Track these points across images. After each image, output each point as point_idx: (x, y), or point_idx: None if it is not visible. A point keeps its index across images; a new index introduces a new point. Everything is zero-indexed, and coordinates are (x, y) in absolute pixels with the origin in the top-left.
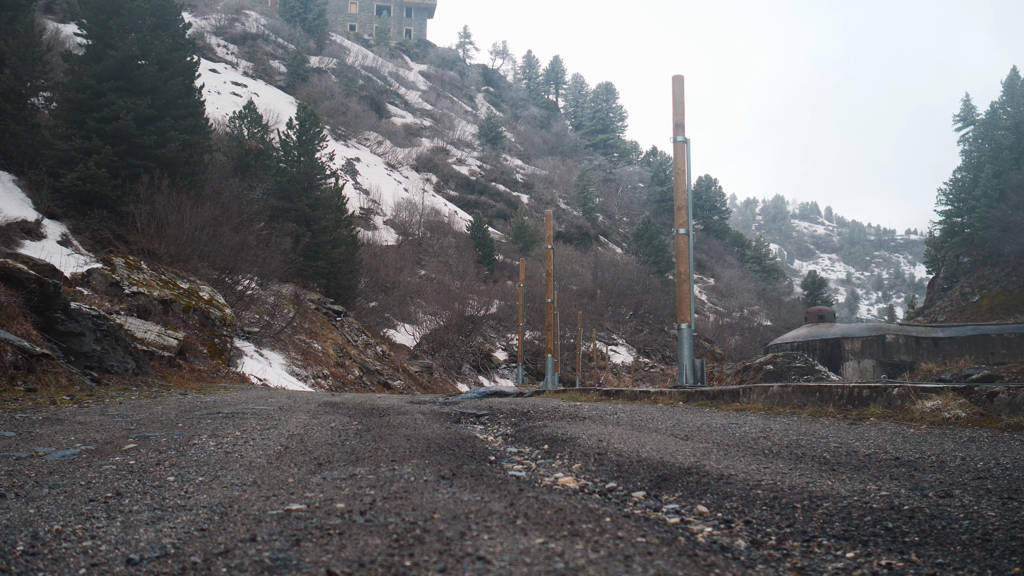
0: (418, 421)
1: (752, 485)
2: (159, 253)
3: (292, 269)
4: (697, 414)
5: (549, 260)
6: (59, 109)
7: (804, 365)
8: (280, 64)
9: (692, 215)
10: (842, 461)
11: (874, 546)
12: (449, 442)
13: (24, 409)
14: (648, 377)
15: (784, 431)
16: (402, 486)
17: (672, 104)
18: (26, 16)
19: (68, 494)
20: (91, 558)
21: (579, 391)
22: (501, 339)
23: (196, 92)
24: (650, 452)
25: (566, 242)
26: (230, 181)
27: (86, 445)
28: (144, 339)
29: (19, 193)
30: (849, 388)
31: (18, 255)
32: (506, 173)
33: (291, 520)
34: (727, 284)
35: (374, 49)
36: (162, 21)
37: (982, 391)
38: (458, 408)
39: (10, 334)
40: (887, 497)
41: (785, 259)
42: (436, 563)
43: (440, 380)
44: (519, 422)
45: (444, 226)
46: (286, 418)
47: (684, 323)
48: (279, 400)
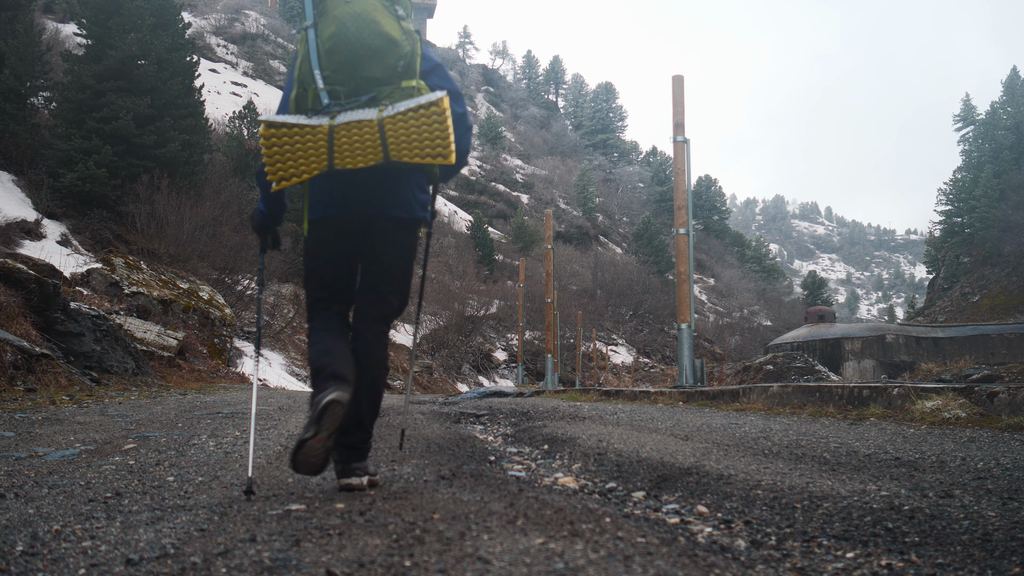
0: (418, 421)
1: (752, 485)
2: (159, 253)
3: (292, 269)
4: (697, 414)
5: (549, 260)
6: (59, 109)
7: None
8: (280, 64)
9: (692, 215)
10: (842, 461)
11: (874, 546)
12: (449, 442)
13: (24, 409)
14: (648, 377)
15: (784, 431)
16: (402, 486)
17: (672, 104)
18: (26, 16)
19: (68, 494)
20: (91, 558)
21: (579, 391)
22: (501, 339)
23: (196, 92)
24: (650, 452)
25: (566, 242)
26: (230, 181)
27: (86, 445)
28: (144, 339)
29: (19, 193)
30: (849, 388)
31: (18, 255)
32: (506, 173)
33: (291, 520)
34: (727, 284)
35: None
36: (162, 21)
37: (982, 391)
38: (458, 408)
39: (10, 334)
40: (887, 497)
41: (785, 259)
42: (436, 563)
43: (440, 380)
44: (519, 422)
45: (444, 226)
46: (286, 418)
47: (684, 323)
48: (279, 400)
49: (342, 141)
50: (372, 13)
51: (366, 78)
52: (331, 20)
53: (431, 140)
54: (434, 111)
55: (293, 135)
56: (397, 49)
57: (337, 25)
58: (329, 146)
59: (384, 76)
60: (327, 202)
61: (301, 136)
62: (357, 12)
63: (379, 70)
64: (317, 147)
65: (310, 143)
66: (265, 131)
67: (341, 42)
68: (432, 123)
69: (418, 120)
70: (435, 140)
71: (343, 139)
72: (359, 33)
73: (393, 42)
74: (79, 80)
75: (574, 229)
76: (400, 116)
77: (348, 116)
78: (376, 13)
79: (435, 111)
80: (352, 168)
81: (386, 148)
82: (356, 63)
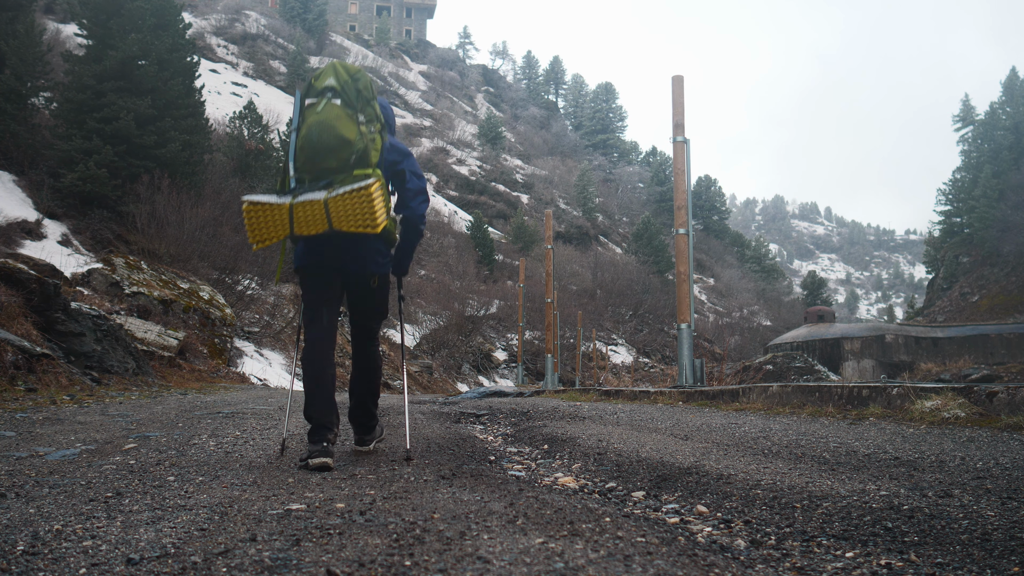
0: (418, 421)
1: (752, 485)
2: (159, 253)
3: (292, 269)
4: (697, 414)
5: (549, 260)
6: (59, 109)
7: (804, 365)
8: (280, 64)
9: (692, 215)
10: (842, 461)
11: (873, 546)
12: (449, 442)
13: (24, 409)
14: (648, 377)
15: (784, 431)
16: (402, 486)
17: (672, 104)
18: (26, 16)
19: (68, 494)
20: (91, 558)
21: (579, 391)
22: (501, 339)
23: (196, 92)
24: (650, 452)
25: (566, 242)
26: (230, 181)
27: (86, 445)
28: (144, 339)
29: (19, 193)
30: (848, 388)
31: (18, 255)
32: (506, 173)
33: (291, 520)
34: (727, 284)
35: (374, 49)
36: (162, 21)
37: (981, 391)
38: (458, 408)
39: (10, 334)
40: (887, 497)
41: (785, 259)
42: (436, 563)
43: (440, 380)
44: (519, 422)
45: (444, 226)
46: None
47: (684, 323)
48: (279, 400)
49: (299, 215)
50: (333, 121)
51: (324, 168)
52: (305, 125)
53: (362, 215)
54: (364, 194)
55: (266, 210)
56: (350, 147)
57: (307, 129)
58: (291, 218)
59: (339, 166)
60: (304, 256)
61: (271, 211)
62: (321, 120)
63: (335, 162)
64: (283, 219)
65: (278, 216)
66: (246, 207)
67: (307, 143)
68: (362, 203)
69: (352, 200)
70: (364, 216)
71: (300, 213)
72: (320, 136)
73: (347, 142)
74: (80, 80)
75: (574, 229)
76: (339, 197)
77: (305, 196)
78: (337, 120)
79: (364, 194)
80: (307, 234)
81: (330, 220)
82: (316, 157)
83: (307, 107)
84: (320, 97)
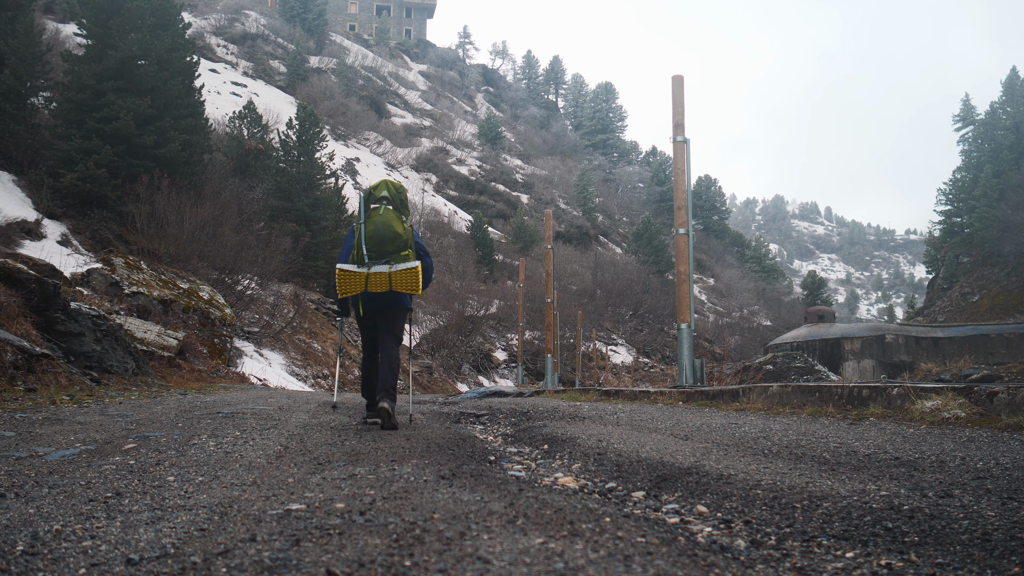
0: (418, 421)
1: (752, 485)
2: (159, 253)
3: (292, 269)
4: (697, 414)
5: (549, 260)
6: (59, 109)
7: (804, 365)
8: (280, 64)
9: (692, 215)
10: (842, 461)
11: (874, 546)
12: (449, 442)
13: (24, 409)
14: (648, 377)
15: (784, 431)
16: (402, 486)
17: (672, 104)
18: (26, 16)
19: (68, 494)
20: (91, 558)
21: (579, 391)
22: (501, 339)
23: (196, 92)
24: (650, 452)
25: (566, 242)
26: (230, 181)
27: (86, 445)
28: (144, 339)
29: (19, 193)
30: (849, 388)
31: (18, 255)
32: (506, 173)
33: (291, 520)
34: (727, 284)
35: (374, 49)
36: (162, 21)
37: (982, 391)
38: (458, 408)
39: (10, 334)
40: (887, 497)
41: (785, 259)
42: (436, 563)
43: (440, 380)
44: (519, 422)
45: (444, 226)
46: (286, 418)
47: (684, 323)
48: (279, 400)
49: (371, 279)
50: (390, 221)
51: (385, 251)
52: (371, 222)
53: (411, 283)
54: (414, 272)
55: (352, 275)
56: (400, 238)
57: (374, 226)
58: (366, 280)
59: (393, 250)
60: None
61: (353, 276)
62: (383, 220)
63: (391, 247)
64: (360, 281)
65: (357, 279)
66: (339, 272)
67: (376, 234)
68: (412, 276)
69: (406, 274)
70: (412, 283)
71: (372, 279)
72: (383, 231)
73: (398, 235)
74: (79, 80)
75: (574, 229)
76: (398, 271)
77: (375, 268)
78: (392, 221)
79: (413, 271)
80: (375, 292)
81: (391, 284)
82: (381, 244)
83: (372, 209)
84: (380, 203)
